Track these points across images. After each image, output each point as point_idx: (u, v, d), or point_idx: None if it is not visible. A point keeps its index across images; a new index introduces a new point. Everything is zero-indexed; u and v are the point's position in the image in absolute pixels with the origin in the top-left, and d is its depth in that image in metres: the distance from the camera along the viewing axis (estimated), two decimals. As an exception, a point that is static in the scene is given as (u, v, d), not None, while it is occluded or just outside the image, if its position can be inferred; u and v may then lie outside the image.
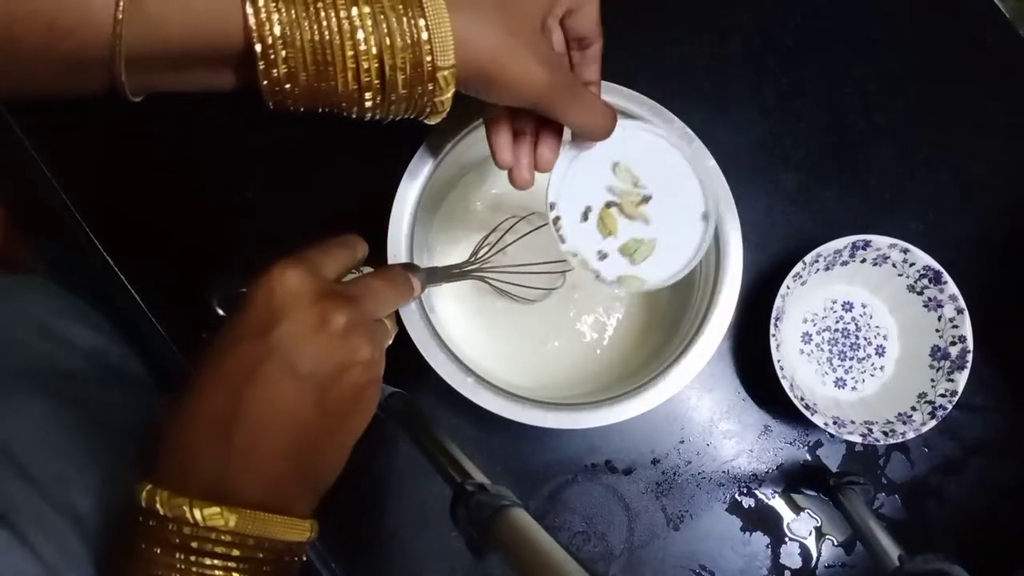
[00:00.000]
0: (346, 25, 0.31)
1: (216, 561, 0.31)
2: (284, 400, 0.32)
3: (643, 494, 0.56)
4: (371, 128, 0.34)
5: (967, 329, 0.55)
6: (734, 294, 0.48)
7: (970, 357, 0.54)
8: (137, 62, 0.30)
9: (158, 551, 0.31)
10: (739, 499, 0.57)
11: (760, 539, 0.57)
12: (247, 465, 0.32)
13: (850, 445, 0.58)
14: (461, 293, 0.55)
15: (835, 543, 0.57)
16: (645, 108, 0.48)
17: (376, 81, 0.33)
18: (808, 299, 0.59)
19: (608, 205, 0.43)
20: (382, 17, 0.31)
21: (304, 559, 0.35)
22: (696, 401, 0.58)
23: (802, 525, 0.57)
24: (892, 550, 0.44)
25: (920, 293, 0.57)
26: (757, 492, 0.57)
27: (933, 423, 0.53)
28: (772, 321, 0.54)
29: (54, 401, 0.44)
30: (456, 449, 0.43)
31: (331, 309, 0.33)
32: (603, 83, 0.47)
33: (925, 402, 0.55)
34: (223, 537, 0.31)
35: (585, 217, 0.43)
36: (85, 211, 0.55)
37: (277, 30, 0.30)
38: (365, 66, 0.32)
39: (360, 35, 0.31)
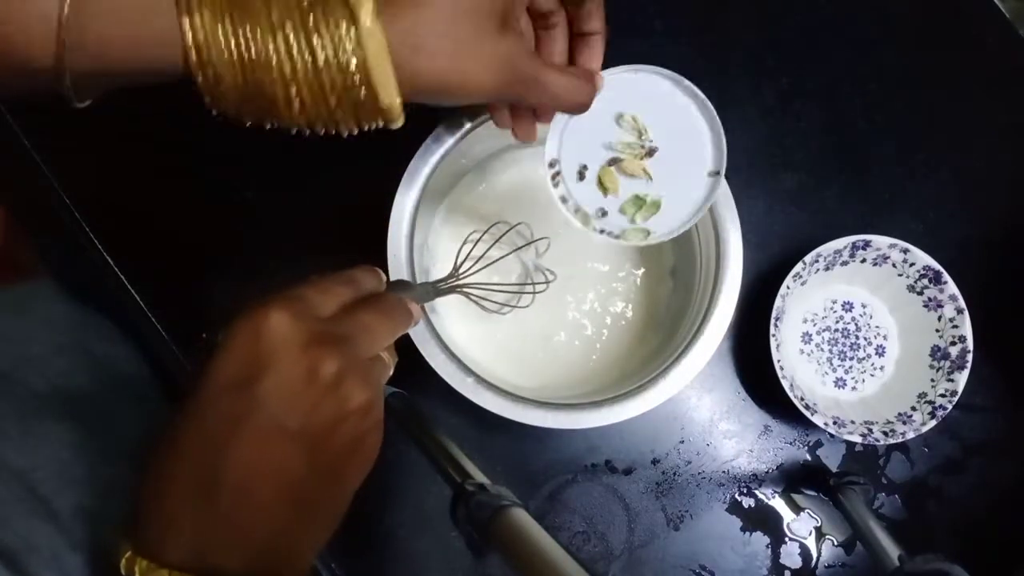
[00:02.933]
0: (287, 70, 0.31)
1: None
2: (272, 460, 0.30)
3: (643, 494, 0.56)
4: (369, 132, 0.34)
5: (967, 329, 0.55)
6: (734, 294, 0.48)
7: (970, 357, 0.54)
8: (82, 79, 0.31)
9: None
10: (739, 499, 0.57)
11: (760, 539, 0.57)
12: (233, 531, 0.30)
13: (850, 445, 0.58)
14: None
15: (835, 543, 0.57)
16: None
17: (320, 122, 0.34)
18: (808, 299, 0.59)
19: (610, 163, 0.42)
20: (320, 59, 0.31)
21: None
22: (696, 401, 0.58)
23: (802, 525, 0.57)
24: (892, 550, 0.44)
25: (920, 293, 0.57)
26: (757, 492, 0.57)
27: (933, 423, 0.53)
28: (772, 321, 0.54)
29: (73, 425, 0.42)
30: (456, 449, 0.43)
31: (320, 357, 0.30)
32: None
33: (925, 402, 0.55)
34: None
35: (581, 176, 0.42)
36: (85, 211, 0.55)
37: (212, 72, 0.31)
38: (307, 104, 0.33)
39: (293, 88, 0.32)
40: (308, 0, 0.31)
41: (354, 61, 0.32)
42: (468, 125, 0.47)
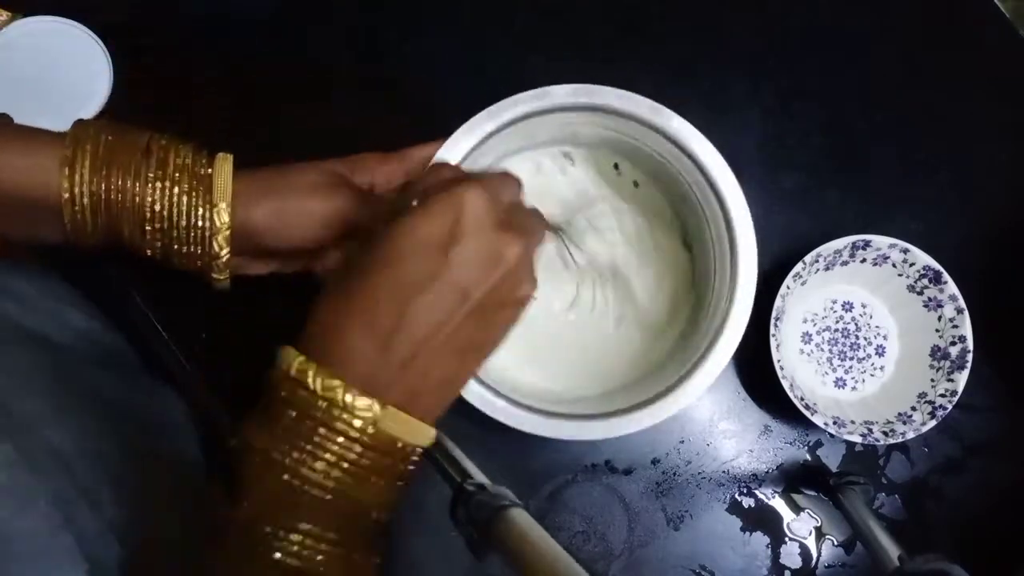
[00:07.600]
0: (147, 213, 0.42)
1: (349, 449, 0.32)
2: (448, 323, 0.33)
3: (643, 494, 0.56)
4: (376, 133, 0.34)
5: (967, 329, 0.55)
6: (745, 316, 0.48)
7: (970, 357, 0.54)
8: None
9: (293, 414, 0.32)
10: (739, 499, 0.57)
11: (760, 539, 0.57)
12: (399, 376, 0.33)
13: (850, 445, 0.58)
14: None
15: (835, 543, 0.57)
16: (644, 108, 0.48)
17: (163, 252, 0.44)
18: (808, 299, 0.59)
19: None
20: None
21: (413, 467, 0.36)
22: (696, 401, 0.57)
23: (802, 525, 0.57)
24: (892, 550, 0.44)
25: (920, 293, 0.57)
26: (757, 492, 0.57)
27: (933, 423, 0.53)
28: (772, 321, 0.54)
29: (39, 358, 0.43)
30: (456, 449, 0.42)
31: (508, 242, 0.34)
32: (602, 88, 0.48)
33: (925, 402, 0.55)
34: (365, 431, 0.32)
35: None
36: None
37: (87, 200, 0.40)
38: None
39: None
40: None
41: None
42: (479, 137, 0.47)
